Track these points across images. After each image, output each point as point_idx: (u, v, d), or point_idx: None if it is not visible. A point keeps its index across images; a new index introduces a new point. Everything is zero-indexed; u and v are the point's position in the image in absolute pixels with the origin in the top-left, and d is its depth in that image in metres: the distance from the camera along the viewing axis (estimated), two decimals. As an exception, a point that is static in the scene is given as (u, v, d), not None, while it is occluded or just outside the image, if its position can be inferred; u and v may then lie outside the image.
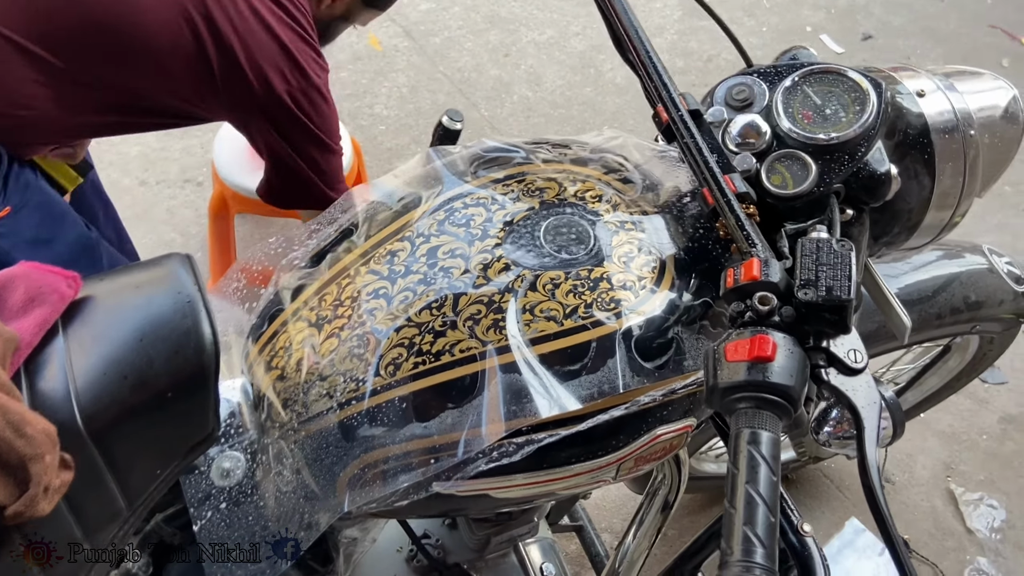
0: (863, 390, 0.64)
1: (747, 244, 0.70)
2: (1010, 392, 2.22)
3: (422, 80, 2.91)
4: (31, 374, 0.64)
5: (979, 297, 1.28)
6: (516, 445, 0.75)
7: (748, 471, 0.56)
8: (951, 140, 0.84)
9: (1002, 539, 1.95)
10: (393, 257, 0.85)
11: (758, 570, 0.53)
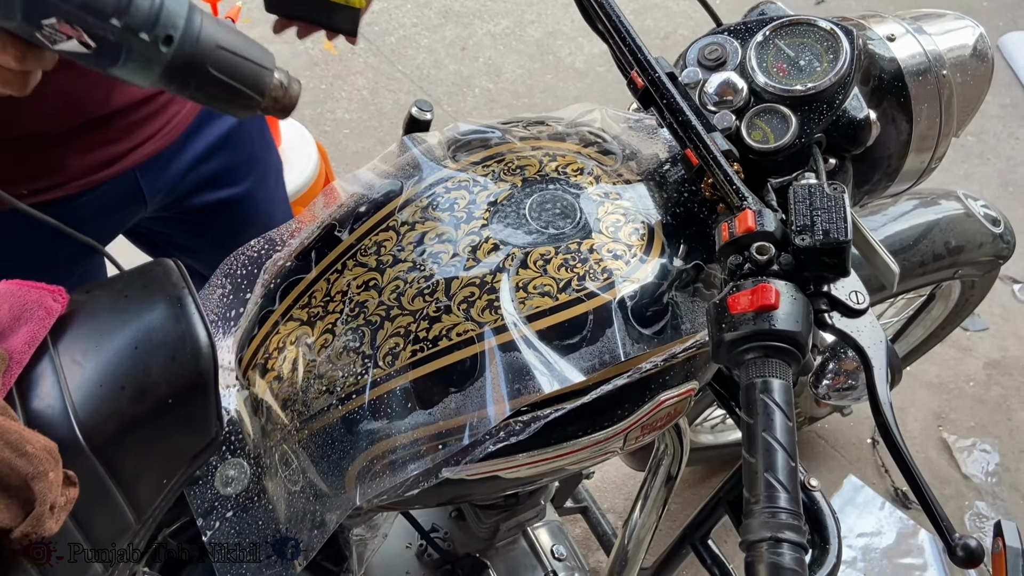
0: (868, 330, 0.64)
1: (738, 199, 0.70)
2: (992, 337, 2.26)
3: (381, 80, 2.89)
4: (24, 393, 0.62)
5: (959, 242, 1.30)
6: (523, 423, 0.75)
7: (764, 419, 0.56)
8: (925, 82, 0.85)
9: (998, 482, 1.98)
10: (380, 248, 0.84)
11: (783, 514, 0.53)
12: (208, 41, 0.67)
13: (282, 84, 0.74)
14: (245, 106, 0.73)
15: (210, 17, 0.69)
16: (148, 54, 0.64)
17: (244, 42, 0.71)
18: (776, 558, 0.52)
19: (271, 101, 0.74)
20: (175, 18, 0.65)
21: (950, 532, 0.57)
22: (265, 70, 0.72)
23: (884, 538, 1.83)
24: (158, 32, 0.64)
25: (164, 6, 0.64)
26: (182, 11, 0.66)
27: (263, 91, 0.72)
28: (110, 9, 0.62)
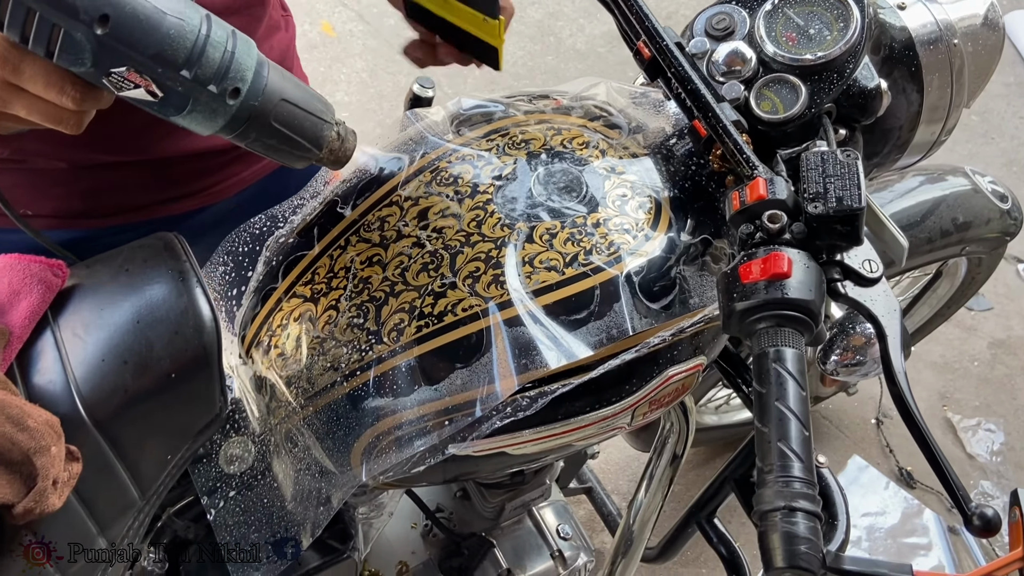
0: (881, 299, 0.63)
1: (748, 168, 0.69)
2: (996, 317, 2.25)
3: (380, 63, 2.87)
4: (25, 368, 0.61)
5: (967, 218, 1.28)
6: (530, 399, 0.74)
7: (777, 388, 0.55)
8: (936, 51, 0.83)
9: (1003, 461, 1.98)
10: (383, 223, 0.83)
11: (797, 483, 0.52)
12: (273, 94, 0.67)
13: (339, 136, 0.73)
14: (301, 158, 0.72)
15: (276, 69, 0.69)
16: (214, 105, 0.64)
17: (307, 95, 0.71)
18: (790, 527, 0.51)
19: (328, 153, 0.74)
20: (244, 71, 0.64)
21: (966, 501, 0.56)
22: (325, 123, 0.71)
23: (889, 518, 1.83)
24: (226, 84, 0.63)
25: (235, 59, 0.64)
26: (251, 64, 0.65)
27: (321, 144, 0.72)
28: (181, 61, 0.61)
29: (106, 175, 0.92)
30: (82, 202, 0.94)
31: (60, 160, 0.88)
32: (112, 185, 0.94)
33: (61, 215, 0.95)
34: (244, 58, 0.64)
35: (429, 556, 1.18)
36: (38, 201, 0.94)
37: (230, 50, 0.63)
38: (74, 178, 0.92)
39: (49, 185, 0.92)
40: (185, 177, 0.96)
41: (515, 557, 1.19)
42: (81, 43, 0.57)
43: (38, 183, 0.91)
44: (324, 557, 0.85)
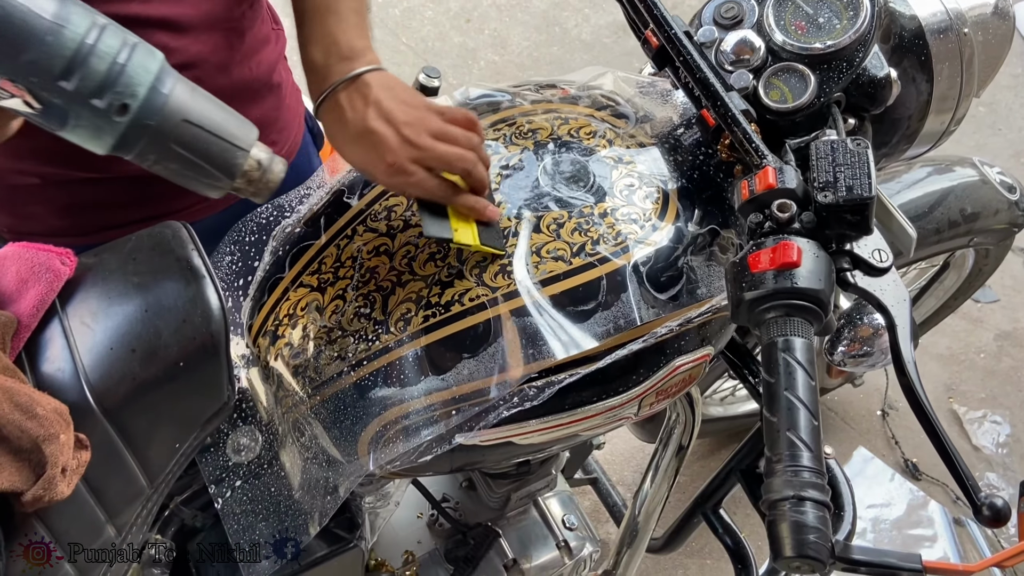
0: (891, 288, 0.62)
1: (757, 157, 0.69)
2: (1003, 309, 2.24)
3: (385, 53, 2.86)
4: (33, 356, 0.62)
5: (975, 209, 1.28)
6: (537, 388, 0.74)
7: (785, 378, 0.55)
8: (946, 40, 0.83)
9: (1008, 453, 1.97)
10: (390, 213, 0.83)
11: (806, 473, 0.52)
12: (173, 114, 0.61)
13: (259, 165, 0.67)
14: (212, 186, 0.66)
15: (186, 85, 0.63)
16: (99, 122, 0.58)
17: (221, 116, 0.65)
18: (799, 516, 0.51)
19: (244, 183, 0.67)
20: (135, 86, 0.58)
21: (975, 491, 0.56)
22: (238, 150, 0.65)
23: (894, 509, 1.82)
24: (112, 100, 0.58)
25: (125, 72, 0.58)
26: (146, 79, 0.59)
27: (232, 172, 0.65)
28: (58, 70, 0.56)
29: (84, 192, 0.90)
30: (60, 220, 0.92)
31: (32, 176, 0.85)
32: (91, 202, 0.91)
33: (41, 233, 0.93)
34: (139, 72, 0.59)
35: (435, 546, 1.18)
36: (16, 218, 0.93)
37: (120, 62, 0.58)
38: (51, 195, 0.89)
39: (25, 202, 0.90)
40: (167, 194, 0.94)
41: (521, 547, 1.19)
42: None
43: (15, 200, 0.90)
44: (331, 546, 0.85)
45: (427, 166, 0.74)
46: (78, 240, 0.94)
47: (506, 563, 1.17)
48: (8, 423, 0.55)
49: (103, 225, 0.94)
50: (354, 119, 0.76)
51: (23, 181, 0.86)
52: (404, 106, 0.76)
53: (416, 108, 0.77)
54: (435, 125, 0.76)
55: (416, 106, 0.77)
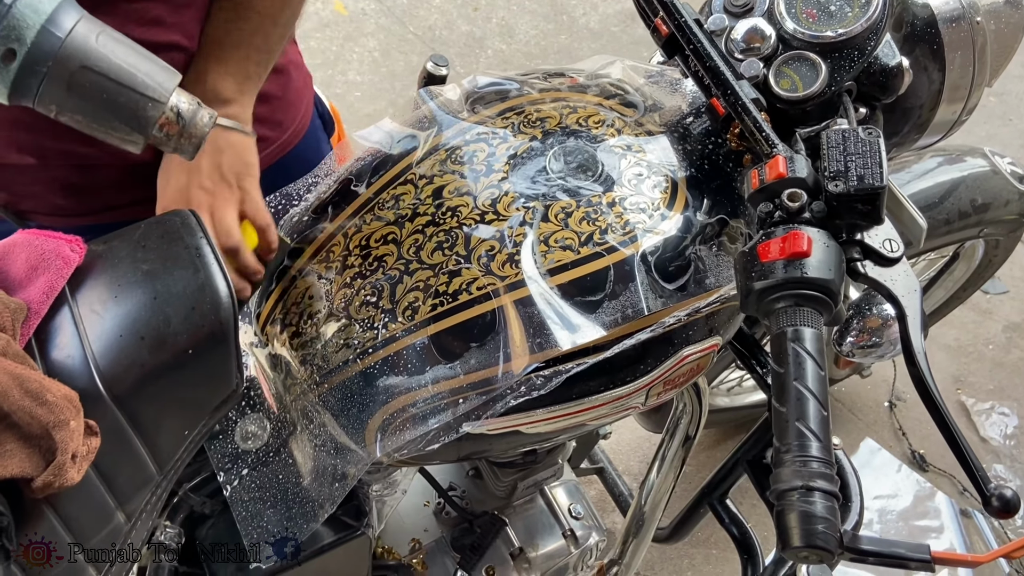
0: (902, 278, 0.62)
1: (767, 146, 0.68)
2: (1012, 301, 2.23)
3: (393, 42, 2.85)
4: (43, 343, 0.62)
5: (985, 199, 1.27)
6: (544, 377, 0.74)
7: (795, 368, 0.55)
8: (958, 29, 0.82)
9: (1016, 445, 1.97)
10: (398, 201, 0.82)
11: (815, 463, 0.52)
12: (70, 59, 0.55)
13: (178, 117, 0.61)
14: (124, 140, 0.61)
15: (92, 27, 0.57)
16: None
17: (131, 63, 0.59)
18: (808, 506, 0.51)
19: (163, 137, 0.62)
20: (21, 30, 0.53)
21: (985, 482, 0.56)
22: (149, 101, 0.59)
23: (901, 500, 1.82)
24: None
25: (10, 14, 0.53)
26: (35, 21, 0.54)
27: (144, 125, 0.60)
28: None
29: (83, 173, 0.90)
30: (61, 199, 0.92)
31: (30, 155, 0.85)
32: (91, 183, 0.91)
33: (41, 211, 0.94)
34: (26, 12, 0.54)
35: (442, 534, 1.18)
36: (16, 197, 0.93)
37: (6, 3, 0.53)
38: (51, 175, 0.89)
39: (25, 182, 0.90)
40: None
41: (527, 536, 1.20)
42: None
43: (16, 179, 0.90)
44: (338, 534, 0.86)
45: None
46: (79, 220, 0.94)
47: (512, 552, 1.18)
48: (18, 409, 0.55)
49: (103, 206, 0.94)
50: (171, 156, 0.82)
51: (23, 160, 0.86)
52: (214, 174, 0.83)
53: (222, 183, 0.83)
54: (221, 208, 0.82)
55: (225, 181, 0.84)
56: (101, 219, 0.94)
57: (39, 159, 0.85)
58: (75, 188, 0.90)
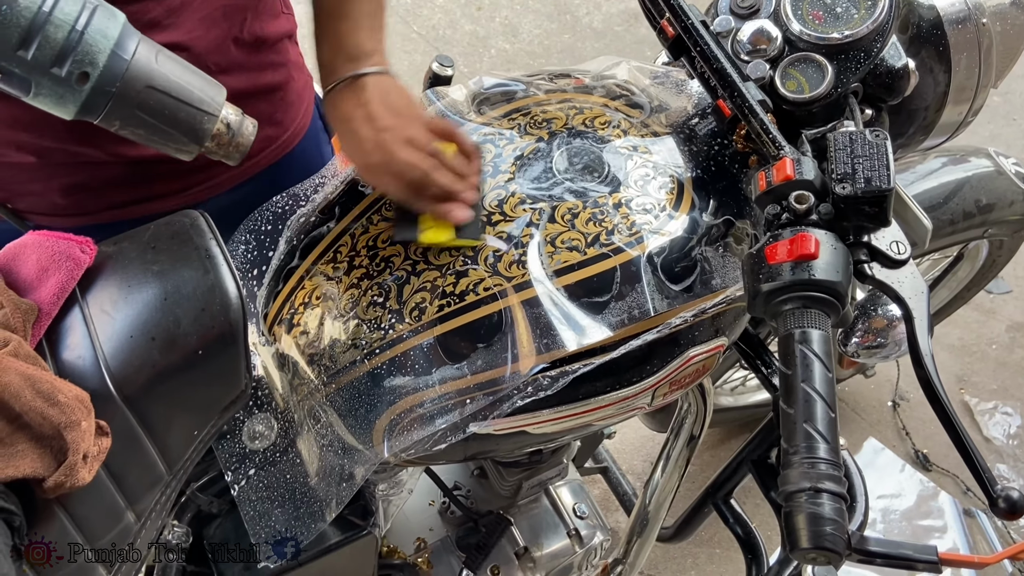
0: (909, 280, 0.62)
1: (774, 148, 0.69)
2: (1016, 300, 2.23)
3: (396, 41, 2.86)
4: (54, 344, 0.62)
5: (990, 200, 1.27)
6: (551, 378, 0.74)
7: (802, 369, 0.55)
8: (964, 30, 0.82)
9: (1019, 444, 1.97)
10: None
11: (823, 465, 0.52)
12: (136, 80, 0.60)
13: (228, 128, 0.67)
14: (181, 150, 0.66)
15: (150, 48, 0.62)
16: (60, 90, 0.58)
17: (187, 80, 0.64)
18: (816, 508, 0.51)
19: (214, 146, 0.67)
20: (95, 54, 0.58)
21: (992, 483, 0.56)
22: (204, 114, 0.64)
23: (904, 500, 1.82)
24: (72, 68, 0.57)
25: (84, 40, 0.57)
26: (105, 45, 0.58)
27: (200, 137, 0.65)
28: (15, 40, 0.55)
29: (84, 172, 0.90)
30: (61, 199, 0.92)
31: (30, 154, 0.86)
32: (92, 182, 0.91)
33: (42, 211, 0.93)
34: (97, 38, 0.58)
35: (447, 533, 1.19)
36: (16, 196, 0.92)
37: (79, 29, 0.57)
38: (50, 173, 0.89)
39: (25, 180, 0.90)
40: (170, 175, 0.94)
41: (532, 535, 1.20)
42: None
43: (16, 178, 0.90)
44: (345, 533, 0.86)
45: (392, 171, 0.78)
46: (78, 219, 0.94)
47: (517, 551, 1.18)
48: (30, 410, 0.56)
49: (103, 205, 0.94)
50: (345, 118, 0.81)
51: (22, 159, 0.86)
52: (389, 112, 0.80)
53: (400, 115, 0.80)
54: (411, 133, 0.79)
55: (401, 113, 0.81)
56: (100, 219, 0.94)
57: (39, 158, 0.85)
58: (74, 187, 0.90)
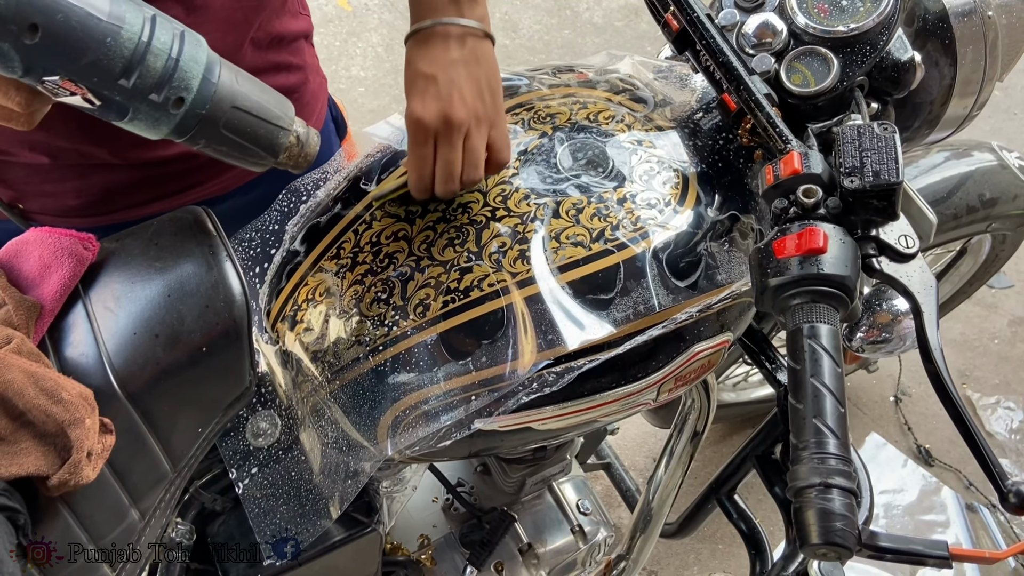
0: (918, 274, 0.62)
1: (781, 142, 0.68)
2: (1017, 295, 2.23)
3: (396, 37, 2.85)
4: (57, 341, 0.62)
5: (993, 194, 1.27)
6: (556, 374, 0.74)
7: (811, 364, 0.55)
8: (970, 23, 0.82)
9: (1022, 439, 1.97)
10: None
11: (833, 460, 0.52)
12: (223, 101, 0.63)
13: (299, 141, 0.70)
14: (257, 163, 0.69)
15: (230, 71, 0.65)
16: (156, 115, 0.61)
17: (262, 98, 0.67)
18: (826, 503, 0.51)
19: (287, 158, 0.70)
20: (189, 80, 0.61)
21: (1003, 478, 0.56)
22: (280, 130, 0.68)
23: (907, 495, 1.82)
24: (169, 94, 0.60)
25: (179, 68, 0.60)
26: (198, 71, 0.61)
27: (277, 151, 0.69)
28: (118, 70, 0.58)
29: (95, 173, 0.90)
30: (73, 199, 0.92)
31: (43, 154, 0.85)
32: (103, 184, 0.91)
33: (52, 212, 0.93)
34: (191, 65, 0.61)
35: (450, 530, 1.19)
36: (29, 197, 0.92)
37: (174, 57, 0.60)
38: (62, 175, 0.89)
39: (38, 182, 0.89)
40: (177, 175, 0.93)
41: (536, 531, 1.20)
42: (9, 53, 0.54)
43: (29, 179, 0.89)
44: (349, 530, 0.86)
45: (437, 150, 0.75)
46: (89, 220, 0.93)
47: (521, 547, 1.18)
48: (34, 408, 0.55)
49: (113, 207, 0.93)
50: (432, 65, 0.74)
51: (36, 159, 0.86)
52: (477, 87, 0.74)
53: (483, 100, 0.75)
54: (480, 129, 0.75)
55: (484, 98, 0.75)
56: (112, 220, 0.93)
57: (51, 158, 0.85)
58: (87, 189, 0.90)
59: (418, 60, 0.75)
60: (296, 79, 1.00)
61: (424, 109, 0.73)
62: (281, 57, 0.96)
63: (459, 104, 0.73)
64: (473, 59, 0.75)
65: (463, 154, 0.75)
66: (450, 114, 0.73)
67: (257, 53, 0.90)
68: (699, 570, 1.79)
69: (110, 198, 0.92)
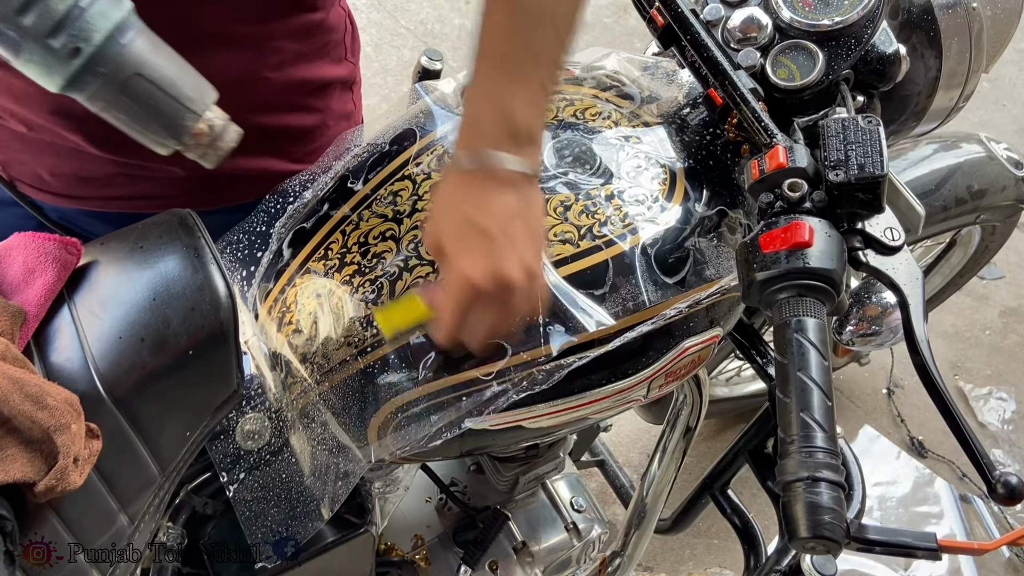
0: (904, 267, 0.62)
1: (766, 136, 0.68)
2: (1008, 286, 2.23)
3: (384, 37, 2.84)
4: (42, 346, 0.61)
5: (982, 185, 1.27)
6: (546, 372, 0.74)
7: (798, 358, 0.55)
8: (954, 15, 0.82)
9: (1014, 429, 1.98)
10: (396, 197, 0.82)
11: (820, 453, 0.52)
12: (127, 66, 0.61)
13: (211, 130, 0.67)
14: (159, 143, 0.66)
15: (149, 41, 0.63)
16: (50, 60, 0.59)
17: (177, 76, 0.65)
18: (814, 497, 0.51)
19: (193, 144, 0.67)
20: (90, 32, 0.59)
21: (990, 469, 0.56)
22: (188, 112, 0.65)
23: (900, 487, 1.83)
24: (65, 42, 0.59)
25: (83, 17, 0.59)
26: (104, 27, 0.60)
27: (179, 132, 0.65)
28: (16, 4, 0.57)
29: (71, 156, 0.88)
30: (48, 175, 0.91)
31: (20, 124, 0.85)
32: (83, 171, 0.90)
33: (26, 181, 0.92)
34: (97, 18, 0.59)
35: (444, 529, 1.18)
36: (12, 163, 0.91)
37: (81, 7, 0.59)
38: (40, 149, 0.88)
39: (19, 148, 0.89)
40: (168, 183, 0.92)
41: (530, 530, 1.20)
42: None
43: (11, 144, 0.89)
44: (342, 531, 0.86)
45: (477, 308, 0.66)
46: (70, 202, 0.93)
47: (515, 546, 1.18)
48: (19, 414, 0.55)
49: (86, 193, 0.93)
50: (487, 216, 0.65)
51: (16, 127, 0.86)
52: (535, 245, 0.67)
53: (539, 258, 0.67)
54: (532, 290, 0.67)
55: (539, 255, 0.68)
56: (88, 206, 0.93)
57: (29, 130, 0.85)
58: (61, 168, 0.89)
59: (466, 204, 0.65)
60: (312, 121, 0.97)
61: (475, 268, 0.64)
62: (302, 100, 0.94)
63: (518, 268, 0.64)
64: (527, 210, 0.66)
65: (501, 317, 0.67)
66: (508, 280, 0.64)
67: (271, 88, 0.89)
68: (694, 565, 1.79)
69: (82, 184, 0.91)
